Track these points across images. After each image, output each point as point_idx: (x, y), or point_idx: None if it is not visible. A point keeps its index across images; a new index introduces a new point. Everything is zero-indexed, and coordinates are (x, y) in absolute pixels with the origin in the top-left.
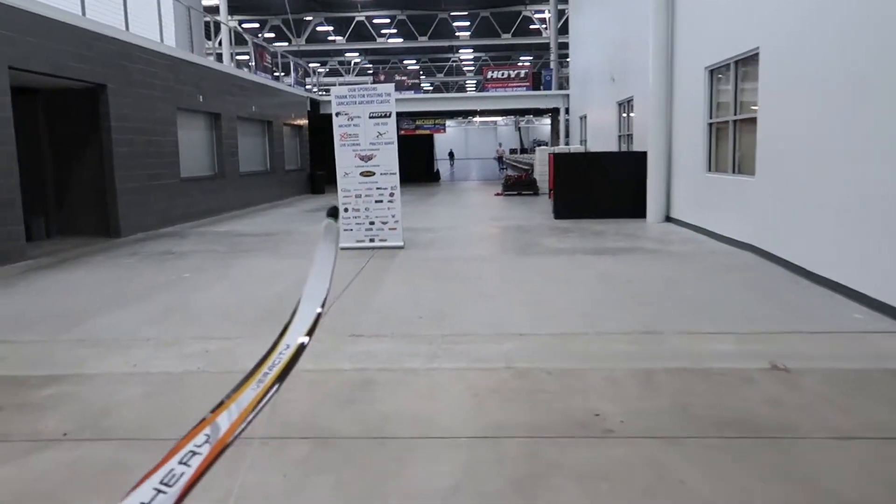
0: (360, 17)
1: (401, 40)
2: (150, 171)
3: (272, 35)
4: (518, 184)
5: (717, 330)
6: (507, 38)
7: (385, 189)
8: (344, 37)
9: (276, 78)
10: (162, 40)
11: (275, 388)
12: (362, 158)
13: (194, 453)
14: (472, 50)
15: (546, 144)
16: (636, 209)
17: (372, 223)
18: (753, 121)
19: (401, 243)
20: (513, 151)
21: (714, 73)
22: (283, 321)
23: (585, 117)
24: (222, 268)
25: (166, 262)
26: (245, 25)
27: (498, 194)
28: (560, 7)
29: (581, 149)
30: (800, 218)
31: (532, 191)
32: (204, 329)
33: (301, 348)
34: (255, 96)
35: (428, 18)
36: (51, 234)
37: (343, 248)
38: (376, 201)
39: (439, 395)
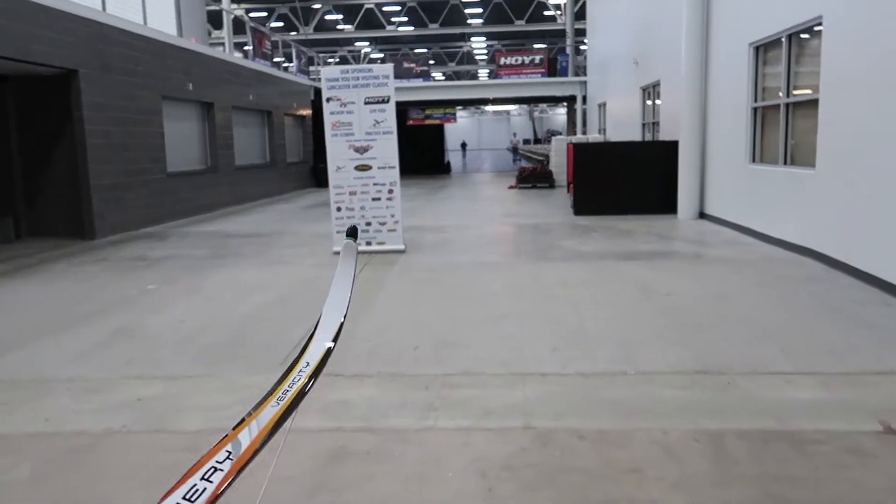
0: (369, 4)
1: (411, 28)
2: (130, 166)
3: (280, 24)
4: (533, 176)
5: (795, 369)
6: (520, 25)
7: (383, 185)
8: (353, 25)
9: (278, 65)
10: (145, 22)
11: (306, 390)
12: (357, 150)
13: (216, 469)
14: (484, 39)
15: (560, 134)
16: (666, 204)
17: (368, 224)
18: (812, 104)
19: (402, 247)
20: (526, 142)
21: (760, 49)
22: (245, 354)
23: (604, 105)
24: (196, 278)
25: (135, 270)
26: (252, 14)
27: (511, 187)
28: None
29: (600, 138)
30: (881, 220)
31: (548, 183)
32: (147, 363)
33: (328, 353)
34: (253, 84)
35: (439, 5)
36: (21, 235)
37: (336, 253)
38: (373, 199)
39: (432, 475)
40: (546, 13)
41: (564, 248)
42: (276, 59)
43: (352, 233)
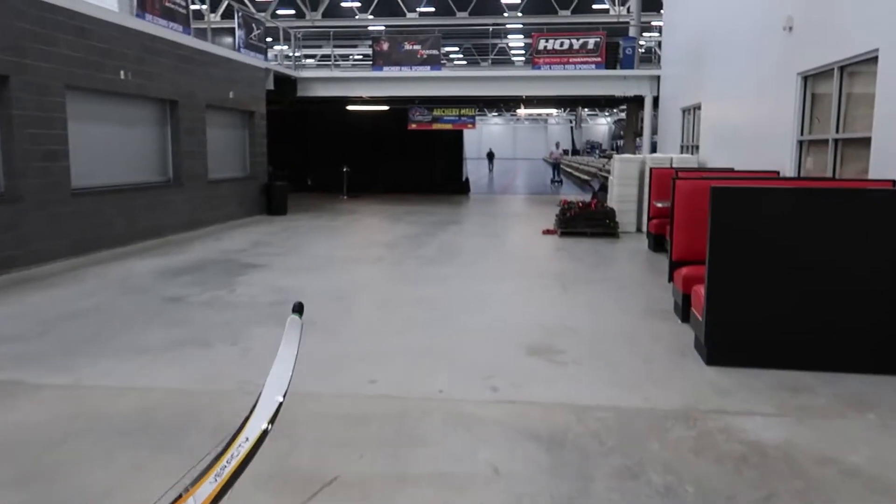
0: None
1: (436, 18)
2: None
3: (291, 12)
4: (583, 217)
5: None
6: (565, 16)
7: None
8: (367, 12)
9: (203, 34)
10: None
11: (244, 467)
12: None
13: None
14: (521, 36)
15: (599, 147)
16: None
17: None
18: None
19: None
20: (564, 153)
21: None
22: None
23: (695, 110)
24: None
25: None
26: None
27: (548, 232)
28: None
29: (691, 161)
30: None
31: (605, 229)
32: None
33: (263, 436)
34: (132, 57)
35: None
36: None
37: None
38: None
39: None
40: (596, 6)
41: None
42: (209, 26)
43: (298, 309)
